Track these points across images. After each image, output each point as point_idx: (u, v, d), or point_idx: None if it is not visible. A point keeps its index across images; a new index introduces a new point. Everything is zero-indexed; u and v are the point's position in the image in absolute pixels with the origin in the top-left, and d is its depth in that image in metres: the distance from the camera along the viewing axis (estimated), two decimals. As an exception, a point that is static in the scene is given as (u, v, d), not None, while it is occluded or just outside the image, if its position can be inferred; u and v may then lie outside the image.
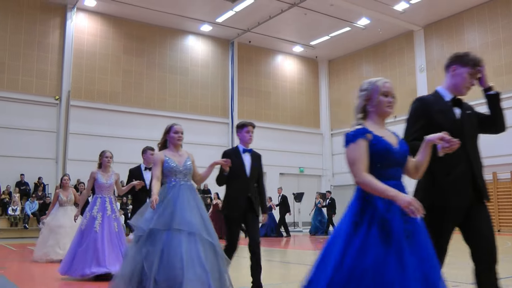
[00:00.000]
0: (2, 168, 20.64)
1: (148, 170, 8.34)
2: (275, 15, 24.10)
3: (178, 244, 4.82)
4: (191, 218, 5.00)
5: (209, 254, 4.98)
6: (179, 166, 5.36)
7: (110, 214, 7.96)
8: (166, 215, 4.96)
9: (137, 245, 4.91)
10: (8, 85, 21.31)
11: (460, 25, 23.73)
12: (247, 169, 6.19)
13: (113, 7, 23.24)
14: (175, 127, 5.52)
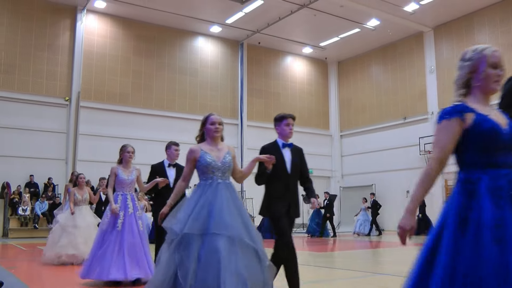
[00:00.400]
0: (13, 168, 20.74)
1: (171, 167, 7.87)
2: (285, 16, 24.09)
3: (215, 250, 4.25)
4: (230, 221, 4.41)
5: (251, 262, 4.39)
6: (217, 162, 4.77)
7: (132, 212, 7.48)
8: (202, 217, 4.40)
9: (170, 249, 4.39)
10: (19, 87, 21.42)
11: (470, 26, 23.61)
12: (287, 166, 5.68)
13: (123, 8, 23.31)
14: (212, 117, 4.92)
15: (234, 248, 4.30)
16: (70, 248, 9.85)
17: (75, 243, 9.87)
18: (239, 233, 4.39)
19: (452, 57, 24.26)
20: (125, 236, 7.15)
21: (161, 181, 7.52)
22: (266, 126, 26.63)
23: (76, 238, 9.94)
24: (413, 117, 25.44)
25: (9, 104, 21.09)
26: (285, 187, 5.61)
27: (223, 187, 4.67)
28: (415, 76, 25.98)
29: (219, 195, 4.56)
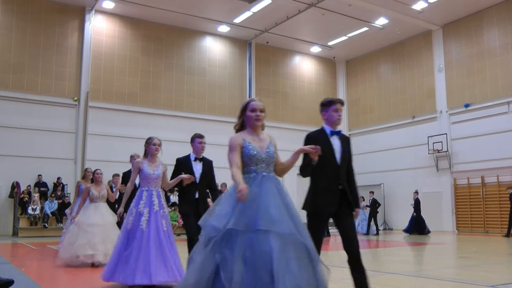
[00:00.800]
0: (22, 168, 20.85)
1: (198, 161, 7.33)
2: (293, 16, 24.07)
3: (266, 249, 3.74)
4: (280, 216, 3.94)
5: (303, 261, 3.90)
6: (261, 153, 4.32)
7: (158, 210, 6.90)
8: (248, 212, 3.91)
9: (207, 249, 3.91)
10: (28, 87, 21.53)
11: (479, 25, 23.50)
12: (337, 155, 5.09)
13: (131, 9, 23.38)
14: (252, 103, 4.51)
15: (286, 247, 3.83)
16: (88, 248, 9.33)
17: (93, 243, 9.35)
18: (290, 229, 3.94)
19: (461, 55, 24.17)
20: (151, 236, 6.63)
21: (186, 177, 7.02)
22: (274, 125, 26.64)
23: (94, 237, 9.40)
24: (421, 116, 25.35)
25: (19, 104, 21.20)
26: (335, 178, 5.03)
27: (268, 180, 4.20)
28: (423, 75, 25.89)
29: (264, 188, 4.10)
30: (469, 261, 11.08)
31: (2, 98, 20.87)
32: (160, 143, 7.33)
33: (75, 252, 9.29)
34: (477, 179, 22.93)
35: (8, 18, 21.50)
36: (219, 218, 3.94)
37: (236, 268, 3.68)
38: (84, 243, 9.31)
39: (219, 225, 3.88)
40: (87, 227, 9.49)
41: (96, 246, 9.30)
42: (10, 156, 20.66)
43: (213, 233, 3.90)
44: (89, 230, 9.45)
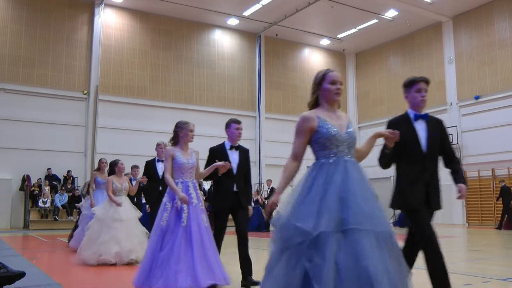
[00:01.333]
0: (33, 161, 20.97)
1: (234, 149, 6.55)
2: (302, 8, 23.99)
3: (361, 251, 3.08)
4: (371, 211, 3.26)
5: (395, 263, 3.24)
6: (341, 133, 3.56)
7: (197, 203, 6.06)
8: (335, 208, 3.21)
9: (287, 257, 3.20)
10: (38, 81, 21.61)
11: (490, 16, 23.32)
12: (422, 142, 4.47)
13: (140, 2, 23.39)
14: (331, 74, 3.74)
15: (381, 247, 3.18)
16: (112, 245, 8.50)
17: (118, 239, 8.55)
18: (384, 226, 3.29)
19: (471, 47, 24.00)
20: (192, 234, 5.77)
21: (222, 165, 6.18)
22: (284, 118, 26.65)
23: (119, 233, 8.64)
24: (431, 108, 25.15)
25: (29, 98, 21.30)
26: (421, 169, 4.43)
27: (352, 166, 3.47)
28: (433, 67, 25.74)
29: (350, 177, 3.37)
30: (480, 254, 11.04)
31: (12, 92, 20.98)
32: (194, 129, 6.44)
33: (98, 249, 8.47)
34: (487, 171, 22.79)
35: (18, 13, 21.57)
36: (304, 218, 3.20)
37: (329, 276, 3.01)
38: (108, 239, 8.53)
39: (307, 226, 3.15)
40: (111, 223, 8.73)
41: (121, 243, 8.52)
42: (20, 149, 20.78)
43: (300, 237, 3.16)
44: (113, 225, 8.71)
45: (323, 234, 3.11)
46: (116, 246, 8.47)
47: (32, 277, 6.70)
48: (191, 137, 6.30)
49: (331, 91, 3.68)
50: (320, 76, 3.79)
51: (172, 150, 6.20)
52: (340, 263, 3.04)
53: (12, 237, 15.81)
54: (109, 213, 8.82)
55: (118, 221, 8.74)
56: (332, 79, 3.70)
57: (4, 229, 19.61)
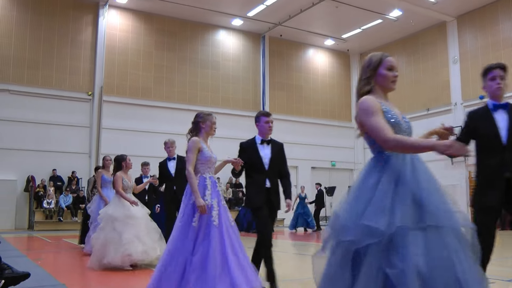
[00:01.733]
0: (37, 162, 21.02)
1: (265, 144, 6.11)
2: (306, 8, 23.97)
3: (443, 250, 2.70)
4: (445, 206, 2.88)
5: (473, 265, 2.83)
6: (401, 122, 3.18)
7: (223, 201, 5.52)
8: (407, 203, 2.81)
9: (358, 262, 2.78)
10: (43, 82, 21.66)
11: (495, 15, 23.26)
12: (502, 133, 4.16)
13: (145, 3, 23.41)
14: (389, 59, 3.42)
15: (461, 244, 2.81)
16: (138, 243, 7.95)
17: (141, 236, 8.08)
18: (459, 222, 2.89)
19: (476, 46, 23.94)
20: (224, 234, 5.18)
21: (231, 161, 5.84)
22: (288, 118, 26.63)
23: (141, 230, 8.16)
24: (436, 108, 25.16)
25: (33, 99, 21.35)
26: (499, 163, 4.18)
27: (417, 159, 3.04)
28: (438, 67, 25.69)
29: (418, 171, 2.96)
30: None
31: (17, 93, 21.03)
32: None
33: (125, 250, 7.79)
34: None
35: (23, 15, 21.62)
36: (374, 214, 2.77)
37: (416, 283, 2.57)
38: (132, 237, 7.94)
39: (379, 224, 2.71)
40: (128, 220, 8.16)
41: (145, 240, 8.05)
42: (25, 150, 20.82)
43: (371, 238, 2.72)
44: (132, 222, 8.16)
45: (400, 230, 2.70)
46: (141, 244, 7.96)
47: (37, 278, 6.70)
48: (214, 130, 5.73)
49: (388, 78, 3.31)
50: (376, 60, 3.37)
51: (199, 141, 5.51)
52: (424, 264, 2.63)
53: (17, 238, 15.86)
54: (123, 211, 8.26)
55: (133, 218, 8.23)
56: (390, 65, 3.34)
57: (9, 230, 19.67)
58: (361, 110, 3.12)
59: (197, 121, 5.67)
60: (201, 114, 5.72)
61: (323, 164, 28.35)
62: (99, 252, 7.97)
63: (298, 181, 27.12)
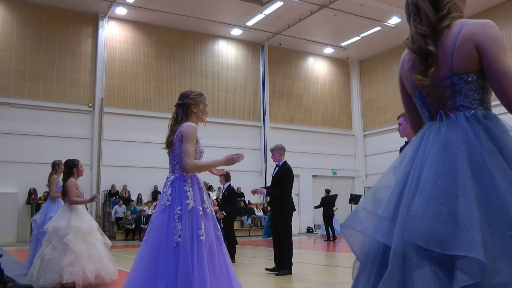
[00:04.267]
0: (39, 175, 20.94)
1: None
2: (305, 17, 24.04)
3: None
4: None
5: None
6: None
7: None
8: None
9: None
10: (43, 94, 21.70)
11: (494, 20, 22.86)
12: None
13: (144, 14, 23.49)
14: None
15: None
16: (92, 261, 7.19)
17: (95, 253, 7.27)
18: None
19: (475, 53, 23.96)
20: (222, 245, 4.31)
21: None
22: (289, 127, 26.65)
23: (96, 245, 7.39)
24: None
25: (34, 112, 21.38)
26: None
27: None
28: (438, 74, 25.71)
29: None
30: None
31: (18, 106, 21.06)
32: None
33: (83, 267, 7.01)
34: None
35: (23, 28, 21.69)
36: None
37: None
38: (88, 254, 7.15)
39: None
40: (95, 234, 7.50)
41: (100, 256, 7.32)
42: (26, 163, 20.82)
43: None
44: (87, 237, 7.31)
45: None
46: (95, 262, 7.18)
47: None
48: (205, 115, 4.72)
49: None
50: None
51: (197, 128, 4.40)
52: None
53: (19, 251, 15.81)
54: (78, 223, 7.30)
55: (90, 232, 7.36)
56: None
57: (11, 242, 19.64)
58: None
59: (187, 102, 4.56)
60: (190, 94, 4.61)
61: (324, 172, 28.33)
62: (72, 267, 6.93)
63: (299, 190, 27.12)
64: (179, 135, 4.28)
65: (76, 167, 7.93)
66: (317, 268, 10.52)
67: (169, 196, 4.11)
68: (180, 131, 4.29)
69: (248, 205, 24.22)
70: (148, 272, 3.85)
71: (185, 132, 4.23)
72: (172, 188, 4.14)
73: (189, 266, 3.81)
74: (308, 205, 26.77)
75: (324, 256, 13.80)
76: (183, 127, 4.29)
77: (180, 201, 4.04)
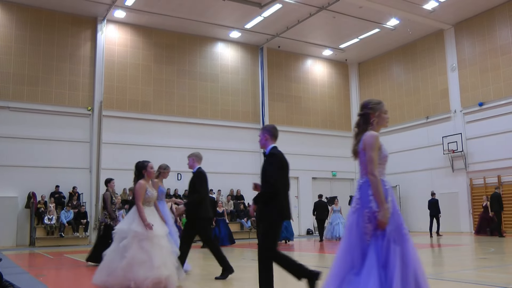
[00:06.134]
0: (38, 178, 20.99)
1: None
2: (304, 19, 24.05)
3: None
4: None
5: None
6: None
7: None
8: None
9: None
10: (42, 98, 21.68)
11: (492, 22, 23.33)
12: None
13: (142, 17, 23.49)
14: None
15: None
16: (164, 268, 6.90)
17: (166, 260, 7.06)
18: None
19: (474, 53, 24.00)
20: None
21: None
22: (288, 129, 26.64)
23: (166, 252, 7.18)
24: (435, 116, 25.21)
25: (33, 115, 21.36)
26: None
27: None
28: (436, 75, 25.75)
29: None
30: (488, 262, 10.97)
31: (17, 110, 21.05)
32: None
33: (154, 274, 6.72)
34: (493, 178, 22.71)
35: (21, 32, 21.68)
36: None
37: None
38: (161, 261, 6.91)
39: None
40: (155, 240, 7.09)
41: (168, 264, 7.04)
42: (25, 167, 20.81)
43: None
44: (158, 243, 7.09)
45: None
46: (166, 269, 6.93)
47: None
48: (386, 121, 4.80)
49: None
50: None
51: (378, 136, 4.58)
52: None
53: (19, 255, 15.81)
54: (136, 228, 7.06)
55: (158, 238, 7.14)
56: None
57: (10, 246, 19.63)
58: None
59: (367, 112, 4.75)
60: (369, 104, 4.75)
61: (324, 174, 28.32)
62: (122, 272, 6.73)
63: (299, 192, 27.13)
64: (363, 145, 4.61)
65: (145, 168, 7.92)
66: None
67: (358, 200, 4.45)
68: (363, 141, 4.62)
69: (247, 207, 24.19)
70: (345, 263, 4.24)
71: (367, 142, 4.54)
72: (360, 192, 4.48)
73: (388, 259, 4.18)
74: (307, 207, 26.74)
75: (323, 258, 13.80)
76: (365, 137, 4.60)
77: (366, 204, 4.34)
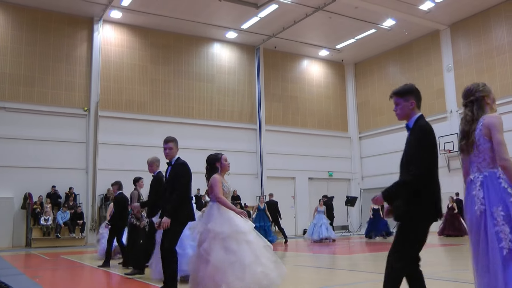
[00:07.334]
0: (34, 179, 20.94)
1: None
2: (300, 20, 24.06)
3: None
4: None
5: None
6: None
7: None
8: None
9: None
10: (38, 98, 21.63)
11: (487, 22, 23.39)
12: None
13: (139, 18, 23.46)
14: None
15: None
16: (256, 265, 6.22)
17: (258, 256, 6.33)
18: None
19: (469, 54, 24.05)
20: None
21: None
22: (284, 130, 26.65)
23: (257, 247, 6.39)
24: (431, 116, 25.19)
25: (29, 116, 21.32)
26: None
27: None
28: (432, 75, 25.80)
29: None
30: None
31: (13, 110, 21.00)
32: None
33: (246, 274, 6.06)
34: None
35: (17, 32, 21.64)
36: None
37: None
38: (252, 259, 6.21)
39: None
40: (240, 236, 6.36)
41: (261, 260, 6.30)
42: (21, 167, 20.76)
43: None
44: (244, 239, 6.36)
45: None
46: (259, 265, 6.22)
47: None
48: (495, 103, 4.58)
49: None
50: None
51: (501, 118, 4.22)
52: None
53: (15, 256, 15.77)
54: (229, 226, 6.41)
55: (243, 234, 6.41)
56: None
57: (6, 247, 19.57)
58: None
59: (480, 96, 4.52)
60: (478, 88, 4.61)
61: (320, 175, 28.34)
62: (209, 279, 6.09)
63: (296, 192, 27.15)
64: (484, 129, 4.05)
65: (219, 161, 7.11)
66: (314, 270, 10.51)
67: (482, 200, 3.83)
68: (483, 125, 4.07)
69: (244, 207, 24.17)
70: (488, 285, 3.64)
71: (491, 123, 4.03)
72: (484, 189, 3.86)
73: None
74: (304, 207, 26.79)
75: (324, 258, 13.80)
76: (486, 119, 4.09)
77: (499, 201, 3.73)
